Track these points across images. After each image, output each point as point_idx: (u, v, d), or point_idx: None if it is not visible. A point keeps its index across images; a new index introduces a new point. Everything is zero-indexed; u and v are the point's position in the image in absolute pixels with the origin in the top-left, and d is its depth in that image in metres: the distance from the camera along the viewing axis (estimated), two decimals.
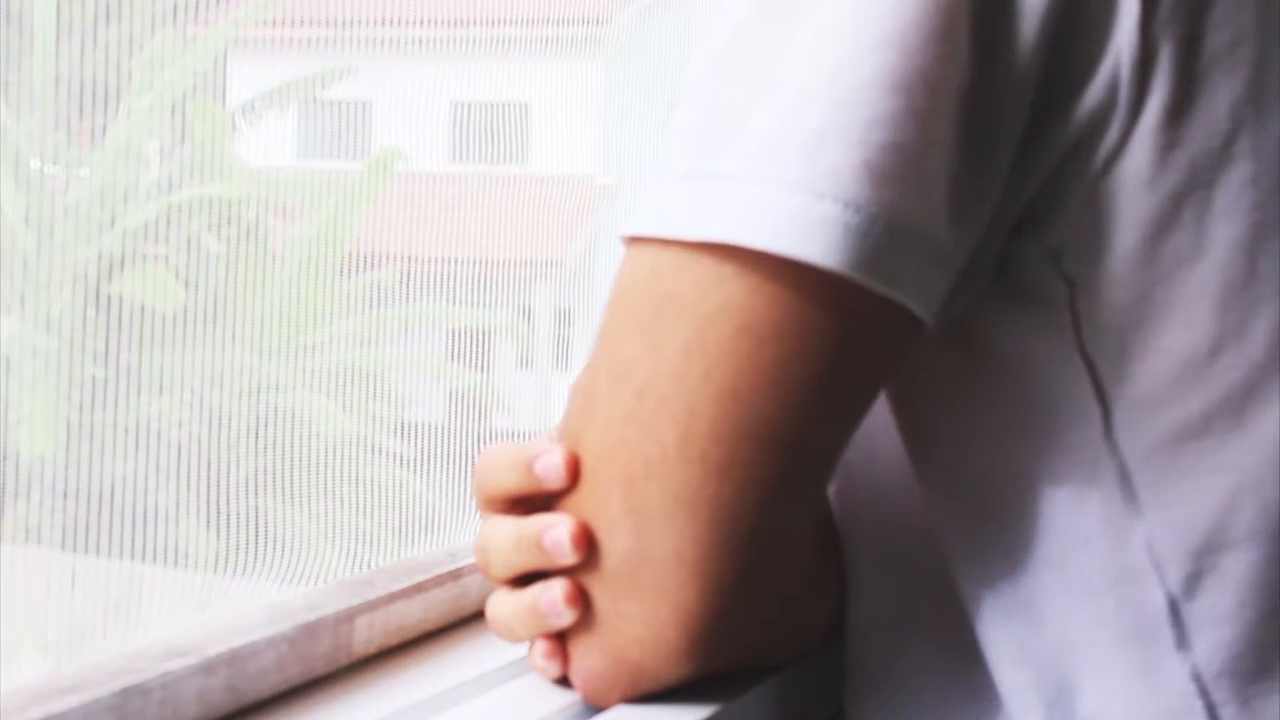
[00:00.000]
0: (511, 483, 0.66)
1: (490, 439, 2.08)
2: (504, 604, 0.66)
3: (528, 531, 0.64)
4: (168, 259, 1.67)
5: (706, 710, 0.65)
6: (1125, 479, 0.62)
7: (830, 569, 0.71)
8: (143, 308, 1.58)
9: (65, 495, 1.43)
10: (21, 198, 1.51)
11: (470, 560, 0.76)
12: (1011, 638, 0.64)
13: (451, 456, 1.89)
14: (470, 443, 1.98)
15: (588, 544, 0.62)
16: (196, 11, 1.63)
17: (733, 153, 0.59)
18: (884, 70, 0.57)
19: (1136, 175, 0.60)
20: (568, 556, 0.62)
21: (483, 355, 2.19)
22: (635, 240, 0.63)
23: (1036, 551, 0.64)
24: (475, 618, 0.76)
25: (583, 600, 0.63)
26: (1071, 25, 0.59)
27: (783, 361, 0.60)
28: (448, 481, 1.82)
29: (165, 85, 1.63)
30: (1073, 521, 0.63)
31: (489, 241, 2.11)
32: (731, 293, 0.59)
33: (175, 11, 1.59)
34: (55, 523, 1.42)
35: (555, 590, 0.63)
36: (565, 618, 0.63)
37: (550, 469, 0.64)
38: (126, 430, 1.54)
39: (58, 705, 0.55)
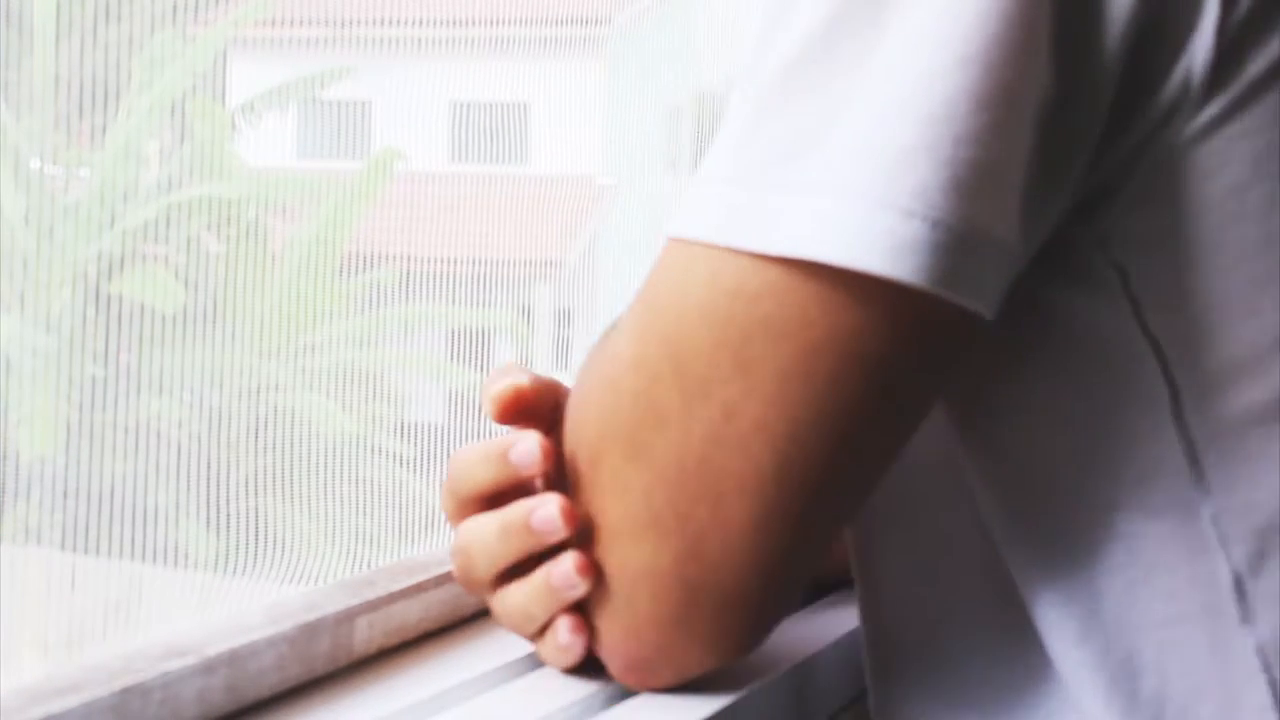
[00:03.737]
0: (489, 476, 0.66)
1: (490, 439, 2.07)
2: (514, 592, 0.66)
3: (513, 516, 0.64)
4: (168, 259, 1.67)
5: (720, 703, 0.65)
6: (1194, 458, 0.63)
7: None
8: (143, 308, 1.58)
9: (65, 495, 1.43)
10: (21, 198, 1.50)
11: None
12: (1071, 617, 0.65)
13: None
14: (470, 443, 1.98)
15: (577, 519, 0.63)
16: (196, 11, 1.63)
17: (815, 164, 0.59)
18: (969, 86, 0.57)
19: (1199, 168, 0.61)
20: (560, 531, 0.63)
21: (483, 355, 2.19)
22: (701, 245, 0.62)
23: (1100, 529, 0.64)
24: (475, 618, 0.76)
25: (594, 571, 0.64)
26: (1152, 36, 0.60)
27: (881, 385, 0.61)
28: None
29: (165, 85, 1.63)
30: (1140, 496, 0.63)
31: (489, 241, 2.11)
32: (840, 321, 0.60)
33: (175, 11, 1.59)
34: (55, 523, 1.42)
35: (565, 563, 0.64)
36: (579, 588, 0.64)
37: (526, 455, 0.65)
38: (126, 430, 1.54)
39: (58, 705, 0.55)
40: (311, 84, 1.91)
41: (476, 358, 2.17)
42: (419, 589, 0.73)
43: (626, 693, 0.67)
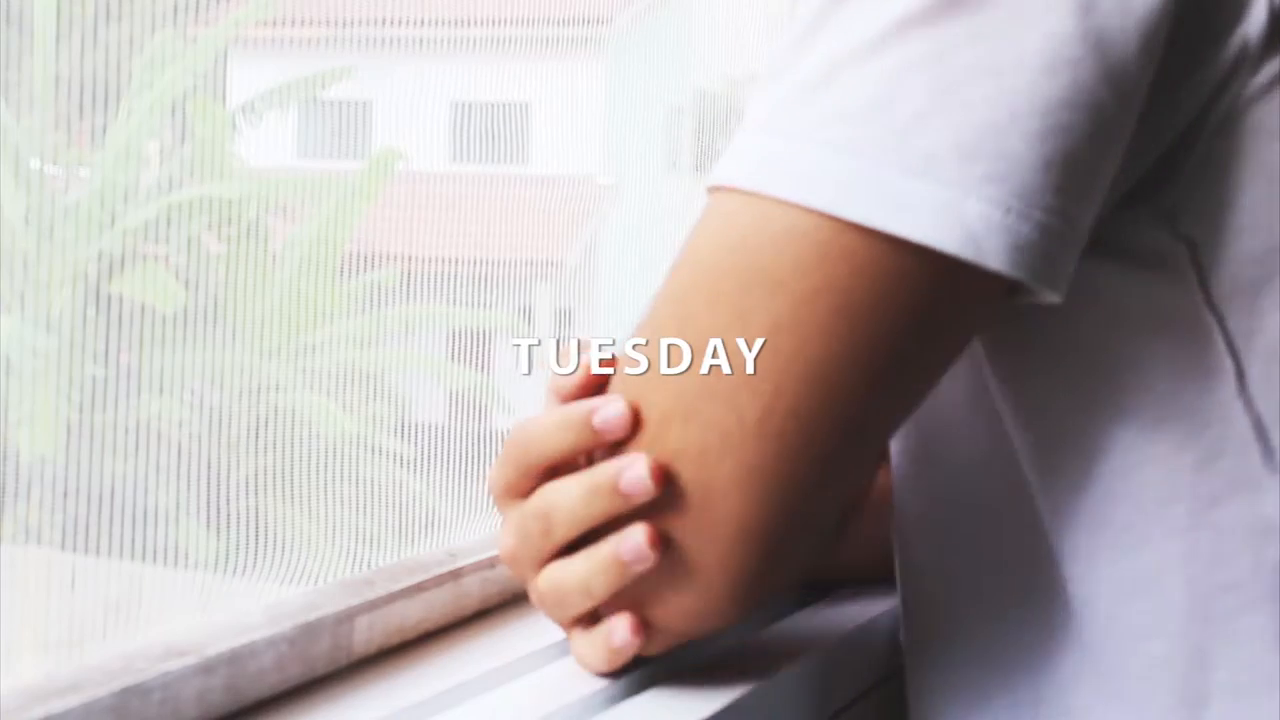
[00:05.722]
0: (568, 442, 0.65)
1: (490, 439, 2.07)
2: (573, 564, 0.65)
3: (601, 476, 0.63)
4: (168, 259, 1.67)
5: (723, 700, 0.65)
6: (1262, 434, 0.62)
7: (864, 515, 0.72)
8: (143, 308, 1.58)
9: (65, 495, 1.43)
10: (21, 198, 1.50)
11: (470, 560, 0.76)
12: (1141, 612, 0.64)
13: (451, 457, 1.88)
14: (470, 443, 1.98)
15: (665, 478, 0.62)
16: (196, 11, 1.63)
17: (919, 141, 0.58)
18: (1074, 85, 0.57)
19: (1259, 126, 0.60)
20: (649, 493, 0.62)
21: (483, 355, 2.19)
22: (736, 192, 0.61)
23: (1162, 521, 0.64)
24: (475, 618, 0.76)
25: (664, 544, 0.63)
26: (1202, 13, 0.59)
27: (875, 342, 0.60)
28: (448, 482, 1.82)
29: (165, 85, 1.63)
30: (1203, 483, 0.63)
31: (489, 241, 2.11)
32: (835, 274, 0.59)
33: (175, 11, 1.59)
34: (55, 523, 1.42)
35: (637, 535, 0.63)
36: (649, 560, 0.63)
37: (613, 420, 0.63)
38: (126, 430, 1.54)
39: (58, 705, 0.55)
40: (311, 84, 1.91)
41: (477, 358, 2.17)
42: (419, 589, 0.73)
43: (628, 692, 0.67)
